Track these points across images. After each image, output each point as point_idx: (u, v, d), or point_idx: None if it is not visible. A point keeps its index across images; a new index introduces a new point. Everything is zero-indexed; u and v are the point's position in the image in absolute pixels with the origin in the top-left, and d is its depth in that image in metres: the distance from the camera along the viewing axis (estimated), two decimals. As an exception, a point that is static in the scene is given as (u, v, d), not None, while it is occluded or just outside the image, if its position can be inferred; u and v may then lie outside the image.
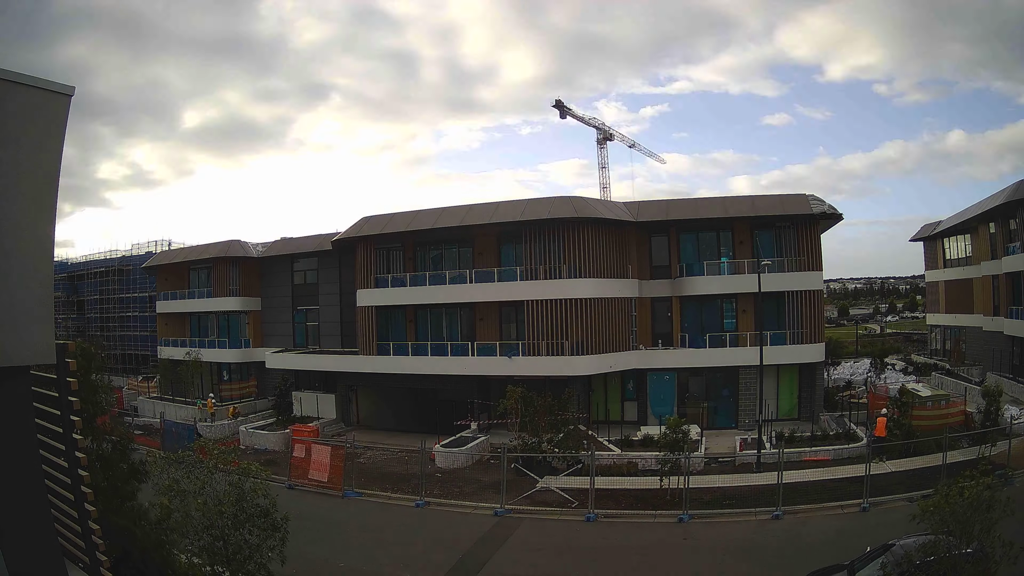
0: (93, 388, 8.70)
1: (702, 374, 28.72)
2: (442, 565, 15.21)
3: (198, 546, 10.61)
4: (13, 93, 4.30)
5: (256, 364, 37.58)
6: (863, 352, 43.50)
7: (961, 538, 9.27)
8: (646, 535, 16.89)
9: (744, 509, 17.81)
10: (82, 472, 5.14)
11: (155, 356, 43.39)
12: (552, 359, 26.90)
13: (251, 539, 10.64)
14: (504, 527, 17.79)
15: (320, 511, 19.42)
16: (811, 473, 19.93)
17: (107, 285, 49.86)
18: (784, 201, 28.78)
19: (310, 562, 14.68)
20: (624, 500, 19.15)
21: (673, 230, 29.60)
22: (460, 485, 21.80)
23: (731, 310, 29.19)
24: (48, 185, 4.47)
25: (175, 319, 41.75)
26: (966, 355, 36.51)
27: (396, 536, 17.65)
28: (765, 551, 15.13)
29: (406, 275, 31.15)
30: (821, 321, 28.77)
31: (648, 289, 29.71)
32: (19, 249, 4.29)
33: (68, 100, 4.61)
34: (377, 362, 30.77)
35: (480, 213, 29.33)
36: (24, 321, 4.30)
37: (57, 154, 4.50)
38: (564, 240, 27.28)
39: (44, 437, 5.13)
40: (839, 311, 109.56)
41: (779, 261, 27.70)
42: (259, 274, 38.88)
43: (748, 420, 26.72)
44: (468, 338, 30.24)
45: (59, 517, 5.34)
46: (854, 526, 15.94)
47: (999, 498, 9.42)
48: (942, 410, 23.18)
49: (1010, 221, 30.27)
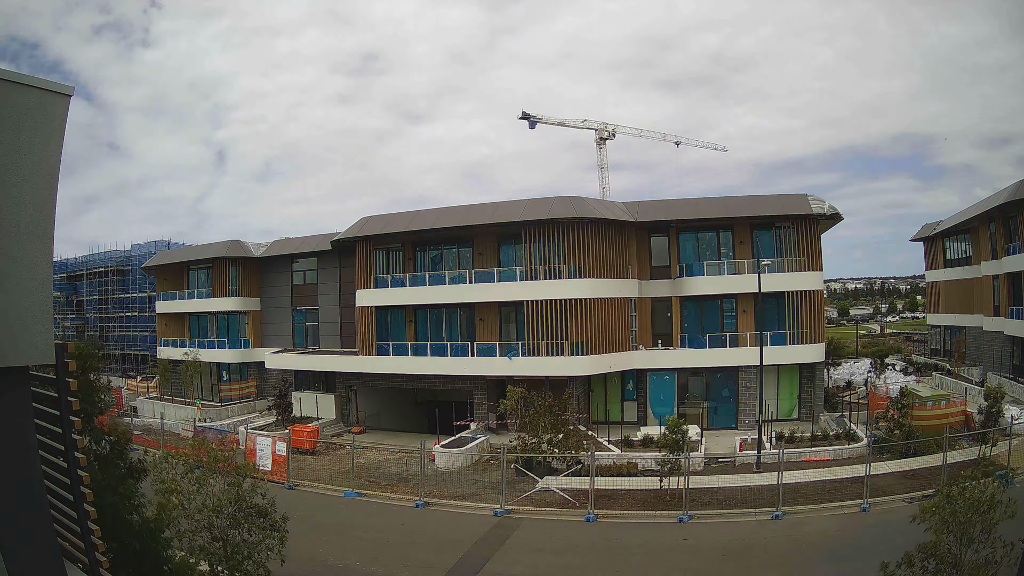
0: (92, 388, 8.70)
1: (702, 374, 28.71)
2: (442, 565, 15.20)
3: (196, 545, 10.61)
4: (13, 93, 4.30)
5: (256, 364, 37.59)
6: (863, 352, 43.50)
7: (962, 539, 9.26)
8: (646, 535, 16.88)
9: (744, 509, 17.80)
10: (81, 472, 5.14)
11: (154, 356, 43.38)
12: (552, 359, 26.89)
13: (249, 538, 10.65)
14: (504, 527, 17.78)
15: (320, 511, 19.42)
16: (811, 473, 19.91)
17: (106, 285, 49.86)
18: (784, 201, 28.77)
19: (309, 562, 14.67)
20: (624, 500, 19.14)
21: (673, 230, 29.59)
22: (460, 485, 21.78)
23: (731, 310, 29.18)
24: (48, 185, 4.46)
25: (174, 319, 41.74)
26: (966, 355, 36.50)
27: (396, 536, 17.63)
28: (765, 552, 15.12)
29: (406, 275, 31.14)
30: (821, 321, 28.75)
31: (648, 289, 29.71)
32: (19, 249, 4.28)
33: (68, 100, 4.60)
34: (377, 362, 30.75)
35: (480, 213, 29.33)
36: (23, 321, 4.30)
37: (57, 154, 4.50)
38: (564, 240, 27.27)
39: (43, 437, 5.12)
40: (839, 311, 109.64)
41: (779, 261, 27.69)
42: (259, 274, 38.86)
43: (748, 420, 26.71)
44: (468, 338, 30.23)
45: (58, 517, 5.33)
46: (854, 526, 15.94)
47: (1001, 499, 9.40)
48: (942, 410, 23.18)
49: (1010, 221, 30.27)
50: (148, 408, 36.88)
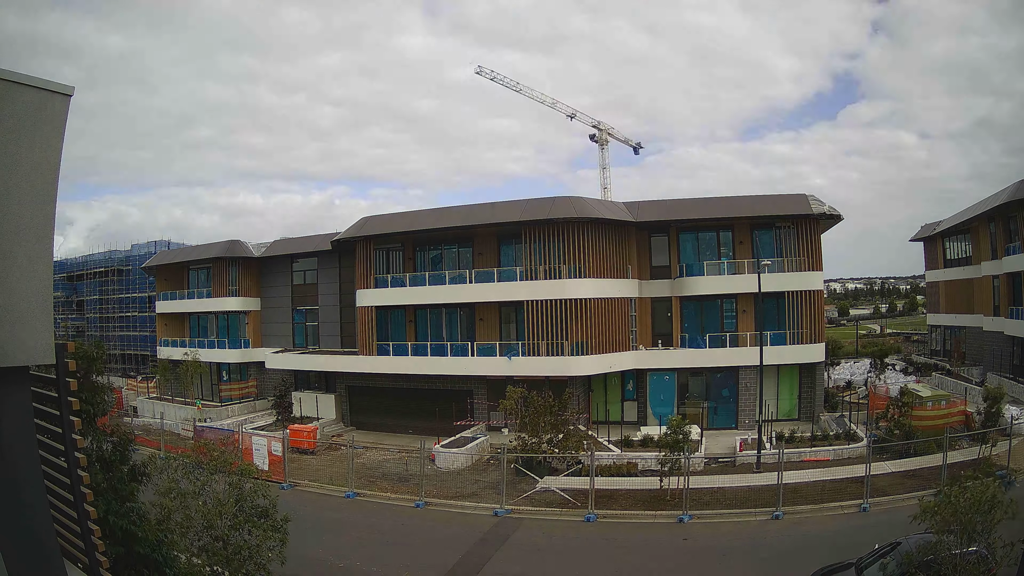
0: (94, 388, 8.68)
1: (702, 374, 28.71)
2: (442, 565, 15.21)
3: (198, 546, 10.61)
4: (13, 93, 4.30)
5: (256, 364, 37.58)
6: (863, 352, 43.49)
7: (963, 538, 9.27)
8: (646, 535, 16.89)
9: (744, 509, 17.81)
10: (81, 472, 5.13)
11: (155, 356, 43.38)
12: (552, 359, 26.89)
13: (251, 540, 10.64)
14: (504, 527, 17.78)
15: (320, 512, 19.43)
16: (811, 473, 19.92)
17: (107, 285, 49.87)
18: (784, 201, 28.76)
19: (310, 563, 14.68)
20: (624, 500, 19.14)
21: (673, 230, 29.58)
22: (460, 485, 21.78)
23: (731, 310, 29.18)
24: (48, 185, 4.46)
25: (175, 319, 41.74)
26: (966, 355, 36.50)
27: (396, 537, 17.63)
28: (765, 551, 15.12)
29: (406, 275, 31.14)
30: (821, 321, 28.75)
31: (648, 289, 29.71)
32: (19, 249, 4.28)
33: (68, 100, 4.60)
34: (377, 362, 30.75)
35: (480, 213, 29.33)
36: (23, 321, 4.29)
37: (57, 154, 4.50)
38: (564, 240, 27.27)
39: (43, 437, 5.12)
40: (839, 311, 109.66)
41: (779, 261, 27.69)
42: (259, 274, 38.85)
43: (748, 420, 26.72)
44: (468, 338, 30.23)
45: (58, 517, 5.33)
46: (854, 526, 15.96)
47: (1001, 499, 9.42)
48: (942, 410, 23.17)
49: (1010, 221, 30.26)
50: (148, 408, 36.84)
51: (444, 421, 28.16)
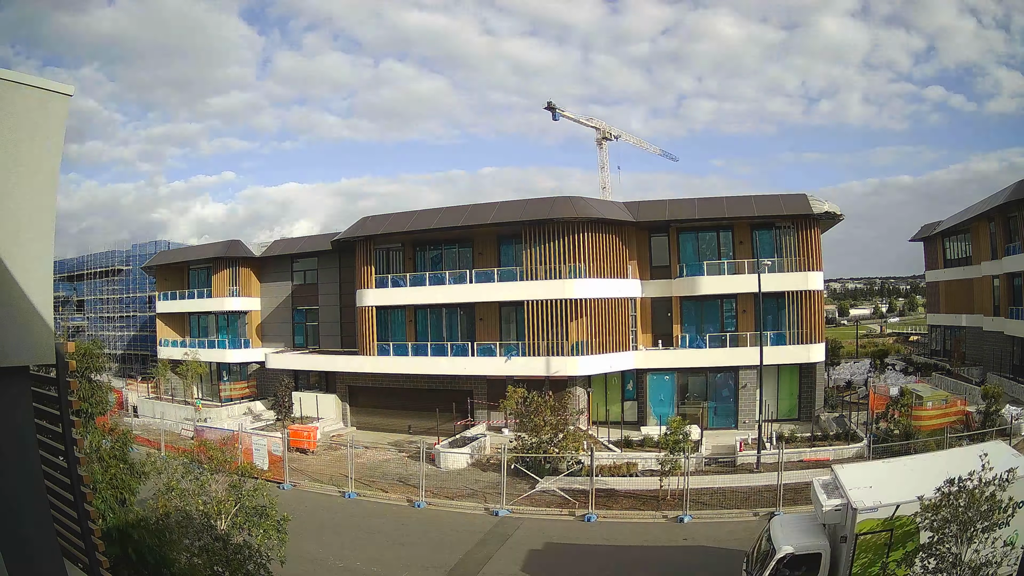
0: (93, 388, 8.70)
1: (702, 374, 28.68)
2: (442, 565, 15.21)
3: (198, 546, 10.61)
4: (13, 93, 4.30)
5: (256, 364, 37.57)
6: (863, 352, 43.49)
7: (961, 537, 9.27)
8: (646, 535, 16.89)
9: (744, 509, 17.82)
10: (81, 472, 5.13)
11: (155, 356, 43.36)
12: (552, 359, 26.89)
13: (250, 540, 10.65)
14: (504, 527, 17.79)
15: (320, 512, 19.43)
16: (811, 473, 19.87)
17: (107, 285, 49.86)
18: (784, 201, 28.73)
19: (309, 562, 14.69)
20: (624, 501, 19.15)
21: (673, 230, 29.57)
22: (460, 485, 21.78)
23: (731, 310, 29.16)
24: (48, 185, 4.46)
25: (175, 319, 41.72)
26: (966, 355, 36.49)
27: (396, 537, 17.63)
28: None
29: (406, 275, 31.13)
30: (821, 321, 28.72)
31: (648, 289, 29.70)
32: (19, 249, 4.28)
33: (68, 100, 4.61)
34: (377, 362, 30.76)
35: (480, 213, 29.32)
36: (23, 321, 4.30)
37: (57, 154, 4.50)
38: (564, 240, 27.27)
39: (43, 437, 5.12)
40: (839, 311, 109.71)
41: (779, 261, 27.67)
42: (259, 274, 38.86)
43: (748, 420, 26.70)
44: (468, 338, 30.22)
45: (58, 517, 5.33)
46: (854, 526, 15.92)
47: (1001, 499, 9.41)
48: (942, 410, 23.16)
49: (1010, 221, 30.25)
50: (148, 408, 36.86)
51: (444, 421, 28.17)
